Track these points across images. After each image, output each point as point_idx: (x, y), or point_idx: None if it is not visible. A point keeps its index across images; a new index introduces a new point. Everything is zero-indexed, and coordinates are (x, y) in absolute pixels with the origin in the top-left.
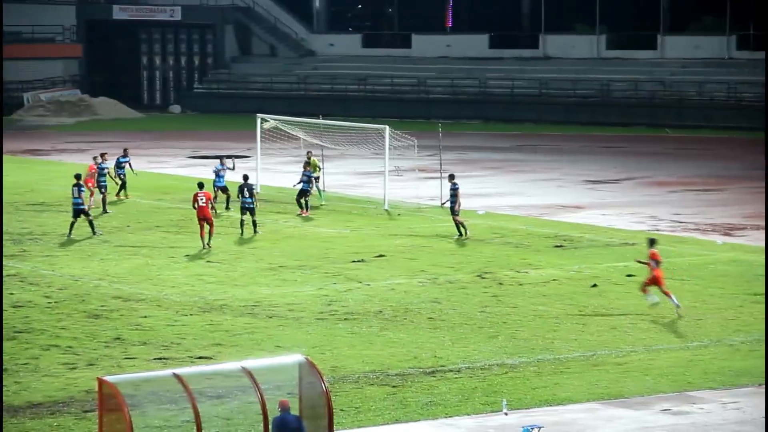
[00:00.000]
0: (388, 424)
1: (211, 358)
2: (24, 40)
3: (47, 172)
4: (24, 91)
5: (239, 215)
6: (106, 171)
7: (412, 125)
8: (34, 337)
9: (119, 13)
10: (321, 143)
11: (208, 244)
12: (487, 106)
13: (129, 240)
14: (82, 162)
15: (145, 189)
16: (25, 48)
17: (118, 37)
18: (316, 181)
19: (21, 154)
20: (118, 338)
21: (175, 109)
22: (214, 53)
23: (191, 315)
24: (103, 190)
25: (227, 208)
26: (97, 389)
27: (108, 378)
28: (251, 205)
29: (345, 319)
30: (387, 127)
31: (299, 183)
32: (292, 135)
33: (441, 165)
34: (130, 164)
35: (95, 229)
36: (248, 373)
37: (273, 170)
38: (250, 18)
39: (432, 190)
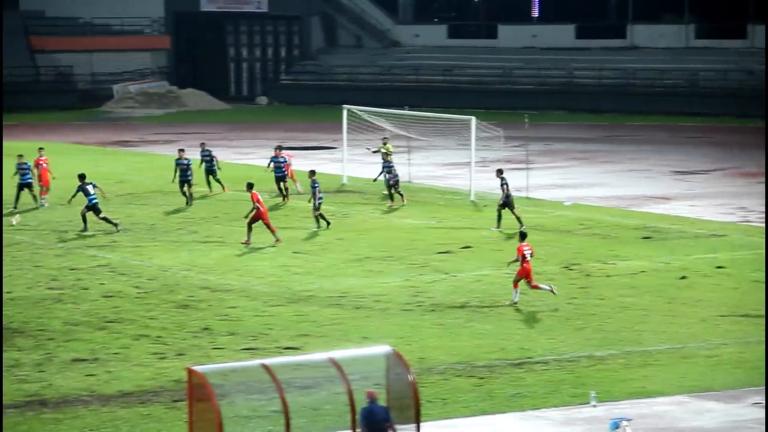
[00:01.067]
0: (474, 415)
1: (298, 349)
2: (113, 32)
3: (136, 163)
4: (113, 83)
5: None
6: (187, 165)
7: (496, 116)
8: (125, 327)
9: (207, 4)
10: (406, 134)
11: (276, 239)
12: (573, 96)
13: (216, 231)
14: (171, 153)
15: (231, 180)
16: (114, 40)
17: (206, 28)
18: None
19: (110, 146)
20: (207, 328)
21: (262, 100)
22: (300, 44)
23: (278, 306)
24: (187, 185)
25: (285, 197)
26: (186, 379)
27: (197, 368)
28: (320, 200)
29: (431, 310)
30: (474, 118)
31: (380, 174)
32: (378, 126)
33: (527, 156)
34: (209, 158)
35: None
36: (335, 363)
37: (359, 161)
38: (336, 9)
39: (517, 182)
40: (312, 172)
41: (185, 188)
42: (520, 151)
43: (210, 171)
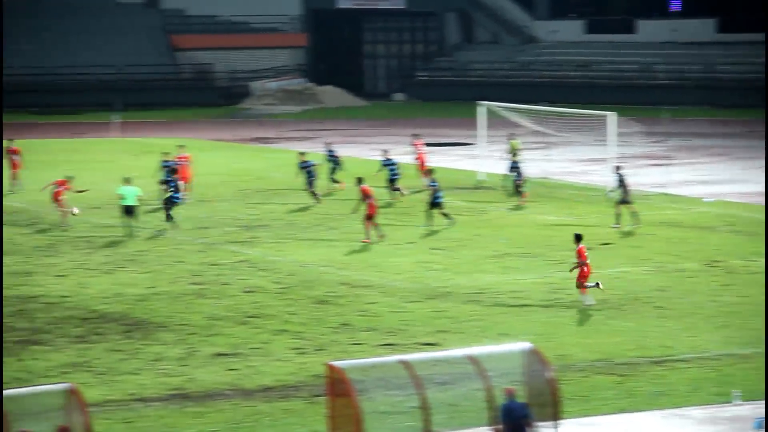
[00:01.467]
0: (614, 413)
1: (436, 345)
2: (252, 30)
3: (274, 159)
4: (252, 80)
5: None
6: (311, 166)
7: (635, 111)
8: (265, 322)
9: (344, 1)
10: (543, 130)
11: (379, 235)
12: (715, 91)
13: (354, 227)
14: (308, 150)
15: (367, 177)
16: (252, 38)
17: (343, 25)
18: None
19: (249, 142)
20: (346, 324)
21: (398, 96)
22: (436, 41)
23: (416, 302)
24: (311, 185)
25: (396, 189)
26: (326, 374)
27: (337, 363)
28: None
29: (570, 307)
30: (611, 113)
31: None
32: (514, 122)
33: (666, 152)
34: (334, 158)
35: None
36: (474, 360)
37: (495, 157)
38: (473, 5)
39: (657, 178)
40: (429, 171)
41: (312, 189)
42: (659, 146)
43: (333, 170)
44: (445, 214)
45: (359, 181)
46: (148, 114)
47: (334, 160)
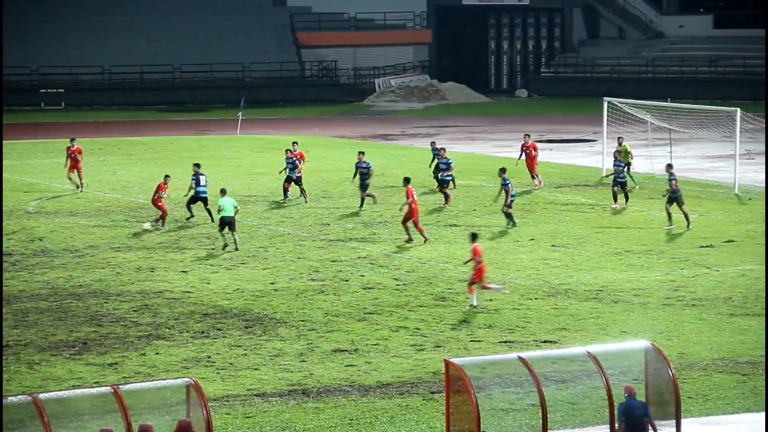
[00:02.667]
0: (737, 412)
1: (555, 342)
2: (376, 27)
3: (397, 156)
4: (375, 77)
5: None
6: (366, 168)
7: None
8: (384, 318)
9: None
10: (669, 126)
11: (425, 239)
12: None
13: (475, 224)
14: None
15: (489, 173)
16: (377, 35)
17: (467, 22)
18: (627, 168)
19: (372, 139)
20: (464, 321)
21: (522, 93)
22: (561, 37)
23: (536, 299)
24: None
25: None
26: (444, 371)
27: (455, 360)
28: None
29: (692, 305)
30: (738, 109)
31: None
32: (639, 118)
33: None
34: (442, 158)
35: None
36: (593, 358)
37: None
38: (598, 0)
39: None
40: (503, 170)
41: (366, 192)
42: None
43: (437, 168)
44: (509, 216)
45: (406, 181)
46: (273, 111)
47: (445, 162)
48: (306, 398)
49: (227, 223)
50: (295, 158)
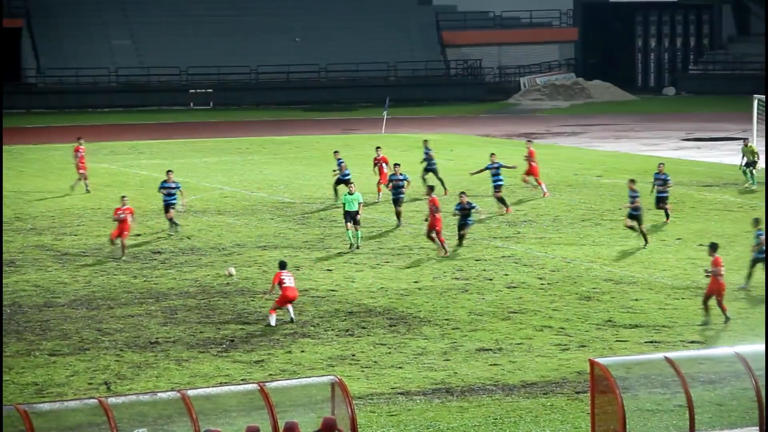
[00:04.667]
0: None
1: (703, 343)
2: (522, 25)
3: (542, 155)
4: (520, 75)
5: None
6: (499, 168)
7: None
8: (528, 317)
9: None
10: None
11: (445, 252)
12: None
13: (620, 224)
14: (576, 145)
15: (635, 172)
16: (522, 33)
17: (614, 19)
18: (753, 167)
19: (517, 137)
20: (610, 320)
21: (669, 91)
22: (710, 33)
23: (683, 299)
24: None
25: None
26: (589, 371)
27: (600, 360)
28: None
29: None
30: None
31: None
32: None
33: None
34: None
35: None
36: (742, 358)
37: None
38: None
39: None
40: (632, 181)
41: (498, 193)
42: None
43: (426, 171)
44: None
45: (430, 190)
46: (418, 110)
47: (429, 161)
48: (450, 397)
49: (351, 217)
50: (341, 161)
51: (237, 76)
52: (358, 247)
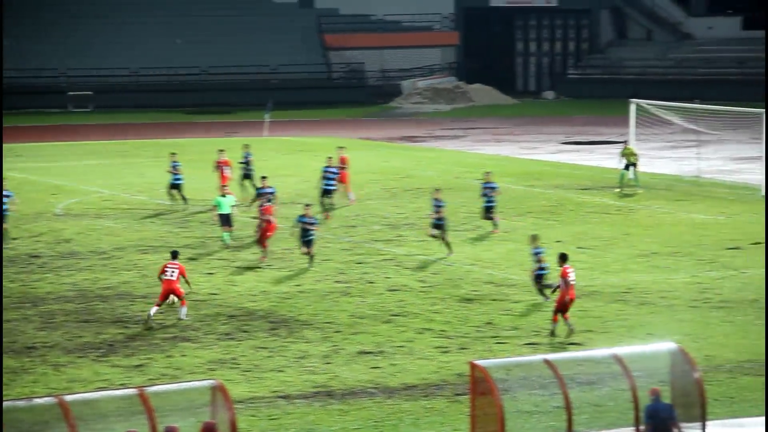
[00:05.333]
0: (763, 415)
1: (581, 345)
2: (404, 28)
3: (423, 158)
4: (402, 79)
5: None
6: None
7: None
8: (409, 320)
9: (497, 0)
10: (696, 128)
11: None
12: None
13: (501, 225)
14: (458, 149)
15: (515, 174)
16: (404, 36)
17: (495, 24)
18: (634, 167)
19: (398, 141)
20: (490, 323)
21: (549, 94)
22: (589, 38)
23: None
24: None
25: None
26: (469, 373)
27: (480, 362)
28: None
29: (719, 307)
30: (765, 111)
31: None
32: (666, 120)
33: None
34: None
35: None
36: (619, 360)
37: (647, 156)
38: (626, 2)
39: None
40: (437, 191)
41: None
42: None
43: (244, 176)
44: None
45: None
46: (300, 113)
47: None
48: (331, 400)
49: (225, 220)
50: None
51: (117, 78)
52: (228, 247)
